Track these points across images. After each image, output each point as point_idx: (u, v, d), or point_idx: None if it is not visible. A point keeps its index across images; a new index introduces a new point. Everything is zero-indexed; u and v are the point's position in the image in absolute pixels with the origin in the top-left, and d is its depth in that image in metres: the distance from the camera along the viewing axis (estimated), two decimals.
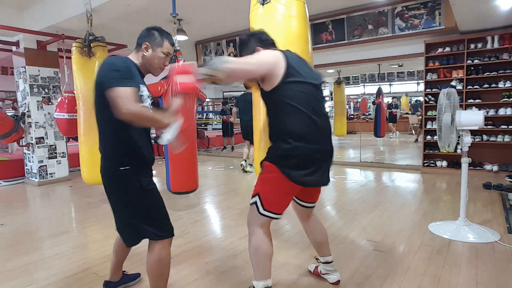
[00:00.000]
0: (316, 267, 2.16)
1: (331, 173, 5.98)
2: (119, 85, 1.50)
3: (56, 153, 5.61)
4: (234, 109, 6.68)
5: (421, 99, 9.17)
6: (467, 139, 2.74)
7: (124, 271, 2.14)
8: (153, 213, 1.69)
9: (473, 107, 5.01)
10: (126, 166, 1.63)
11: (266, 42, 1.79)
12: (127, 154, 1.64)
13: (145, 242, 1.75)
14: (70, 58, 3.95)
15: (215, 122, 13.82)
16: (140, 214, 1.66)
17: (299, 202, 1.95)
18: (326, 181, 1.78)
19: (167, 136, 1.56)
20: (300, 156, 1.63)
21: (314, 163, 1.67)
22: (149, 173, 1.76)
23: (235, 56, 1.85)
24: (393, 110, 9.32)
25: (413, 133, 9.08)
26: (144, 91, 1.68)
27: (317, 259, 2.17)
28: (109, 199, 1.74)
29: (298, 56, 1.76)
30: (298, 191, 1.77)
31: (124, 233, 1.81)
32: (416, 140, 9.02)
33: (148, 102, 1.70)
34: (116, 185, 1.67)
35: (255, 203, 1.71)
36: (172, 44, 1.79)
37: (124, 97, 1.48)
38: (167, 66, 1.82)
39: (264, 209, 1.69)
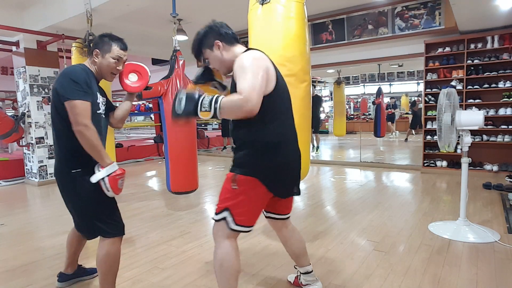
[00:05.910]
0: (296, 277, 2.04)
1: (331, 173, 5.95)
2: (77, 98, 1.58)
3: None
4: None
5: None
6: (467, 139, 2.74)
7: (80, 265, 2.19)
8: (103, 211, 1.74)
9: (473, 107, 5.01)
10: (77, 169, 1.69)
11: (226, 35, 1.58)
12: (79, 158, 1.68)
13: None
14: (70, 58, 3.95)
15: (215, 122, 13.81)
16: (91, 212, 1.72)
17: (274, 216, 1.81)
18: (299, 190, 1.73)
19: (100, 175, 1.62)
20: (283, 165, 1.56)
21: (293, 171, 1.63)
22: None
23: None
24: (390, 110, 9.34)
25: (413, 133, 9.16)
26: (100, 98, 1.76)
27: (296, 267, 2.01)
28: (63, 198, 1.79)
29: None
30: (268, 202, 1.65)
31: (82, 229, 1.88)
32: (406, 140, 9.12)
33: (102, 108, 1.79)
34: (68, 186, 1.73)
35: (224, 218, 1.53)
36: (123, 49, 1.78)
37: (80, 112, 1.57)
38: (120, 70, 1.83)
39: (236, 224, 1.53)
